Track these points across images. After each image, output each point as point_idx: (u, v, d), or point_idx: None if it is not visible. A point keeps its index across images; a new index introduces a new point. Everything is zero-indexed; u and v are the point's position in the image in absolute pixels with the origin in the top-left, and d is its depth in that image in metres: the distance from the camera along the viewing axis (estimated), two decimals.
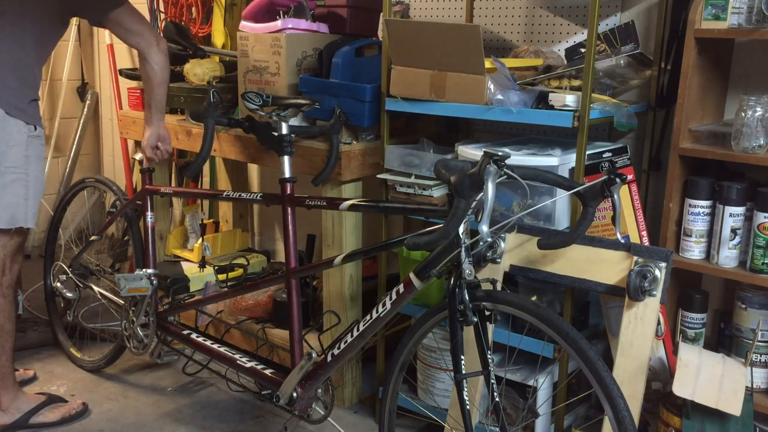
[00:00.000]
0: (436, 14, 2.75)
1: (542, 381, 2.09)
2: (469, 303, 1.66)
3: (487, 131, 2.63)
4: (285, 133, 2.21)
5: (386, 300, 1.85)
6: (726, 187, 1.91)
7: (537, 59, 2.25)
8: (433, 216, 1.96)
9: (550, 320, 1.61)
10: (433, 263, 1.73)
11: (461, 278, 1.66)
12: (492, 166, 1.48)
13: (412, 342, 1.90)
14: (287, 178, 2.20)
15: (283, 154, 2.21)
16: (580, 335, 1.58)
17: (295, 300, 2.19)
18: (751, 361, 1.92)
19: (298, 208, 2.18)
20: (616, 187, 1.65)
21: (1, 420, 2.45)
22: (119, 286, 2.51)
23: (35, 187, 2.31)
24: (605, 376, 1.51)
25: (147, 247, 2.61)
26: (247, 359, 2.29)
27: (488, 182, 1.47)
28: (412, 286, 1.78)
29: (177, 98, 2.87)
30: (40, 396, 2.55)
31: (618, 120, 1.94)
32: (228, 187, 3.52)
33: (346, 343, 1.97)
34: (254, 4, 2.58)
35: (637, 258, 1.82)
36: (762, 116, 1.82)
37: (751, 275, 1.89)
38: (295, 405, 2.10)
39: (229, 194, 2.44)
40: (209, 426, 2.49)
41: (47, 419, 2.48)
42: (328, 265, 2.12)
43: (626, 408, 1.50)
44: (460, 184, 1.52)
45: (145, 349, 2.61)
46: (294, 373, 2.08)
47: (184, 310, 2.69)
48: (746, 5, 1.83)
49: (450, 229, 1.54)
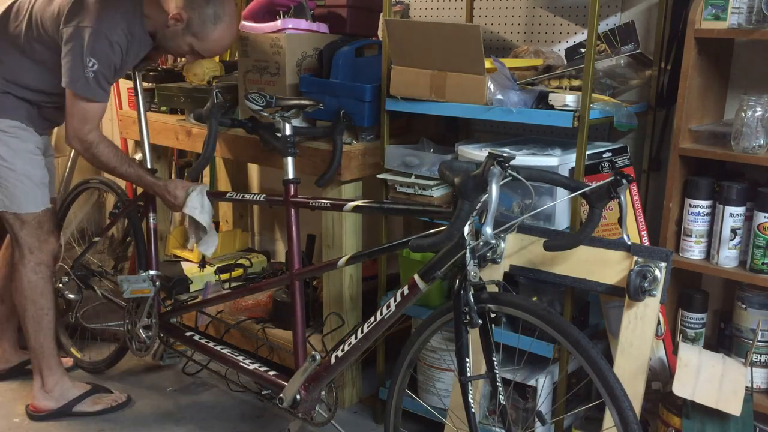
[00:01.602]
0: (436, 14, 2.75)
1: (542, 381, 2.09)
2: (474, 305, 1.65)
3: (487, 131, 2.62)
4: (289, 134, 2.20)
5: (390, 302, 1.84)
6: (726, 187, 1.91)
7: (537, 59, 2.25)
8: (438, 217, 1.96)
9: (558, 324, 1.61)
10: (437, 265, 1.72)
11: (466, 280, 1.66)
12: (496, 167, 1.48)
13: (418, 342, 1.90)
14: (291, 180, 2.20)
15: (287, 155, 2.20)
16: (588, 340, 1.58)
17: (299, 302, 2.18)
18: (751, 361, 1.92)
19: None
20: (623, 189, 1.64)
21: (47, 404, 2.50)
22: (121, 287, 2.51)
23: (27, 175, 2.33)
24: (615, 386, 1.51)
25: (149, 248, 2.61)
26: (250, 361, 2.29)
27: (492, 184, 1.47)
28: (417, 288, 1.77)
29: (177, 98, 2.87)
30: (86, 385, 2.60)
31: (618, 120, 1.94)
32: (228, 188, 3.53)
33: (350, 345, 1.95)
34: (254, 4, 2.58)
35: (637, 258, 1.81)
36: (762, 116, 1.82)
37: (751, 275, 1.89)
38: (299, 407, 2.08)
39: (231, 195, 2.44)
40: (209, 426, 2.49)
41: (90, 409, 2.53)
42: (332, 267, 2.12)
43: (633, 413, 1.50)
44: (464, 185, 1.52)
45: (147, 351, 2.61)
46: (297, 375, 2.07)
47: (186, 311, 2.68)
48: (746, 5, 1.83)
49: (454, 231, 1.54)
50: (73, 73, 2.14)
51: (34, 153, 2.36)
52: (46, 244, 2.41)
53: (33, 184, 2.35)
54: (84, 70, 2.12)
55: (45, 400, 2.50)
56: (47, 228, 2.40)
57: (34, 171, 2.35)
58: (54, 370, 2.50)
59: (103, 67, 2.14)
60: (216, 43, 2.25)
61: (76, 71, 2.13)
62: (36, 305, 2.42)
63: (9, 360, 2.78)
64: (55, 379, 2.50)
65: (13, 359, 2.79)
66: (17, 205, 2.34)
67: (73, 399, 2.52)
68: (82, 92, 2.16)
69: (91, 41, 2.11)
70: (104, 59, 2.14)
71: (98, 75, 2.14)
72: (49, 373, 2.49)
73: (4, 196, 2.33)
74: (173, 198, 2.36)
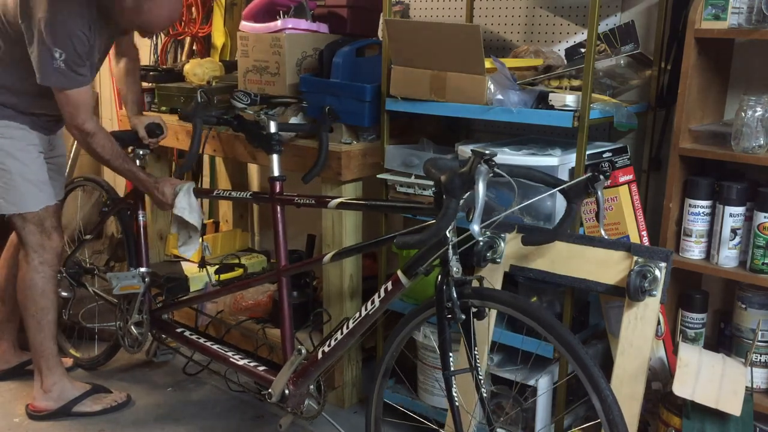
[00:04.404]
0: (436, 14, 2.75)
1: (542, 381, 2.09)
2: (456, 300, 1.67)
3: (487, 131, 2.63)
4: (273, 132, 2.22)
5: (375, 298, 1.86)
6: (726, 187, 1.91)
7: (537, 59, 2.25)
8: (421, 214, 1.96)
9: (539, 317, 1.62)
10: (420, 261, 1.73)
11: (449, 275, 1.67)
12: (483, 165, 1.49)
13: (401, 336, 1.90)
14: (276, 177, 2.22)
15: (272, 152, 2.21)
16: (570, 332, 1.59)
17: (286, 298, 2.19)
18: (751, 361, 1.92)
19: (298, 209, 2.18)
20: (600, 184, 1.67)
21: (46, 404, 2.50)
22: (111, 284, 2.52)
23: (22, 175, 2.32)
24: (594, 372, 1.53)
25: (140, 245, 2.62)
26: (240, 356, 2.30)
27: (479, 181, 1.48)
28: (400, 284, 1.78)
29: (177, 98, 2.87)
30: (86, 385, 2.60)
31: (618, 120, 1.94)
32: (228, 186, 3.53)
33: (336, 341, 1.97)
34: (254, 4, 2.58)
35: (637, 258, 1.81)
36: (762, 116, 1.82)
37: (751, 275, 1.89)
38: (288, 402, 2.11)
39: (219, 192, 2.45)
40: (209, 426, 2.49)
41: (90, 409, 2.53)
42: (318, 262, 2.13)
43: (614, 401, 1.51)
44: (450, 183, 1.53)
45: (139, 348, 2.62)
46: (284, 369, 2.10)
47: (177, 307, 2.69)
48: (746, 5, 1.83)
49: (441, 228, 1.55)
50: (44, 68, 2.12)
51: (28, 152, 2.35)
52: (50, 241, 2.40)
53: (29, 184, 2.34)
54: (53, 62, 2.10)
55: (44, 400, 2.50)
56: (49, 226, 2.40)
57: (29, 170, 2.34)
58: (53, 371, 2.50)
59: (71, 55, 2.11)
60: (156, 17, 2.20)
61: (45, 66, 2.11)
62: (37, 305, 2.42)
63: (9, 361, 2.78)
64: (54, 380, 2.50)
65: (13, 360, 2.79)
66: (15, 205, 2.34)
67: (72, 399, 2.52)
68: (60, 84, 2.14)
69: (49, 32, 2.08)
70: (69, 47, 2.11)
71: (68, 63, 2.12)
72: (49, 373, 2.49)
73: (1, 198, 2.33)
74: (161, 195, 2.37)
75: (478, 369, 1.70)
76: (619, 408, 1.52)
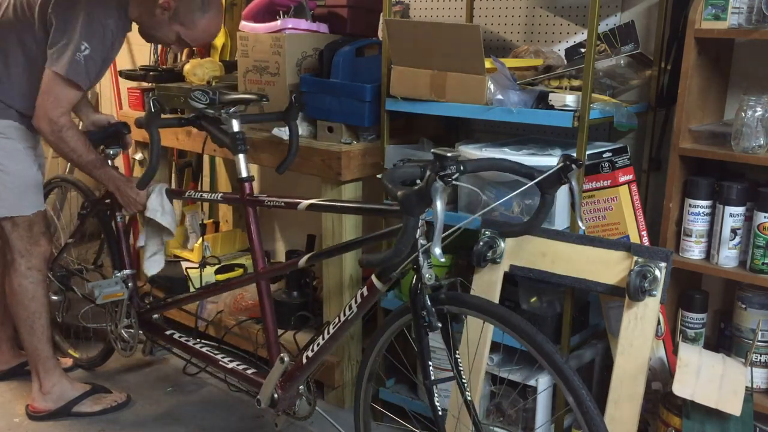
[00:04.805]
0: (436, 14, 2.75)
1: (542, 380, 2.09)
2: (431, 308, 1.61)
3: (487, 131, 2.63)
4: (237, 131, 2.14)
5: (352, 303, 1.84)
6: (726, 187, 1.91)
7: (537, 59, 2.25)
8: (390, 216, 1.91)
9: (515, 325, 1.57)
10: (392, 267, 1.70)
11: (421, 282, 1.62)
12: (439, 182, 1.40)
13: (380, 343, 1.88)
14: (245, 178, 2.14)
15: (237, 152, 2.14)
16: (548, 341, 1.54)
17: (266, 300, 2.15)
18: (751, 361, 1.92)
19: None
20: (573, 174, 1.60)
21: (46, 405, 2.50)
22: (93, 295, 2.47)
23: (21, 177, 2.31)
24: (575, 383, 1.48)
25: (120, 247, 2.57)
26: (229, 359, 2.26)
27: (437, 200, 1.39)
28: (375, 289, 1.77)
29: (177, 98, 2.86)
30: (85, 385, 2.59)
31: (618, 120, 1.94)
32: (228, 187, 3.53)
33: (318, 345, 1.95)
34: (254, 4, 2.59)
35: (637, 258, 1.81)
36: (762, 116, 1.82)
37: (751, 275, 1.89)
38: (278, 406, 2.08)
39: (191, 194, 2.40)
40: (209, 426, 2.49)
41: (90, 409, 2.53)
42: (294, 266, 2.09)
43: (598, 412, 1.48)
44: (407, 201, 1.44)
45: (132, 351, 2.60)
46: (270, 375, 2.07)
47: (164, 309, 2.65)
48: (746, 5, 1.83)
49: (401, 248, 1.48)
50: (64, 54, 2.11)
51: (27, 154, 2.33)
52: (37, 247, 2.37)
53: (26, 186, 2.32)
54: (76, 53, 2.10)
55: (43, 402, 2.49)
56: (37, 231, 2.36)
57: (27, 172, 2.33)
58: (51, 372, 2.49)
59: (95, 53, 2.12)
60: (203, 32, 2.24)
61: (67, 52, 2.10)
62: (28, 310, 2.40)
63: (8, 361, 2.78)
64: (53, 381, 2.50)
65: (12, 360, 2.78)
66: (7, 208, 2.30)
67: (72, 399, 2.52)
68: (71, 74, 2.12)
69: (86, 25, 2.09)
70: (98, 46, 2.12)
71: (89, 61, 2.12)
72: (46, 375, 2.48)
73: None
74: (135, 194, 2.33)
75: (461, 374, 1.66)
76: (602, 419, 1.49)
